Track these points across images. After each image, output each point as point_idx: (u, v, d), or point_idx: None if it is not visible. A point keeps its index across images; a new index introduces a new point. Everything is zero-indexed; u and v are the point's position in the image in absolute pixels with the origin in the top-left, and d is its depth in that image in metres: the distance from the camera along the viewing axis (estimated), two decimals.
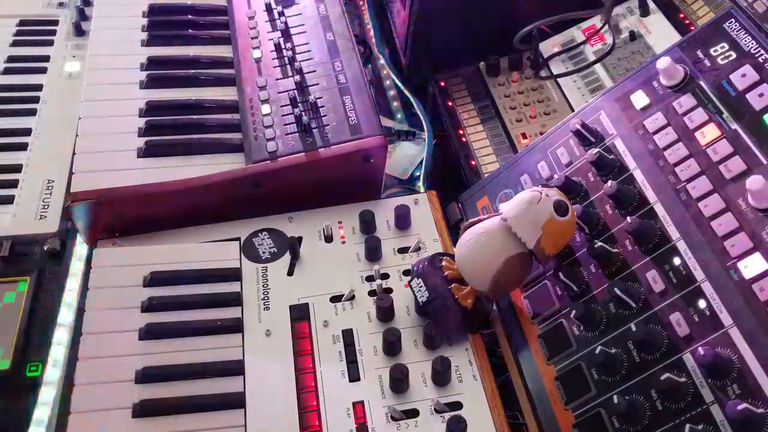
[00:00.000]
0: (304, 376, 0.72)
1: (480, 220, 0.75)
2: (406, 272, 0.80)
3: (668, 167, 0.71)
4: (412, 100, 1.15)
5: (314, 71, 0.93)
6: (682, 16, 0.99)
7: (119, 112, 0.92)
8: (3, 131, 0.97)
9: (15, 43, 1.10)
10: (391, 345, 0.73)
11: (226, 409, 0.70)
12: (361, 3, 1.34)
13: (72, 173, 0.84)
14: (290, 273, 0.81)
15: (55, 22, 1.15)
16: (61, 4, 1.18)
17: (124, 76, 0.97)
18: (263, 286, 0.80)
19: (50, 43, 1.11)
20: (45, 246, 0.85)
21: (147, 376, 0.72)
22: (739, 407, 0.55)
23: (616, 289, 0.67)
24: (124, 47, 1.01)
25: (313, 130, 0.86)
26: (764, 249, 0.61)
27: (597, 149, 0.76)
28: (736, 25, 0.73)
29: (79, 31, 1.13)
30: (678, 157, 0.71)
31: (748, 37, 0.72)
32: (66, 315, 0.81)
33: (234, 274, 0.81)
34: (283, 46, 0.96)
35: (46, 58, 1.09)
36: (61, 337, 0.79)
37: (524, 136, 1.01)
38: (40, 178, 0.92)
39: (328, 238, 0.84)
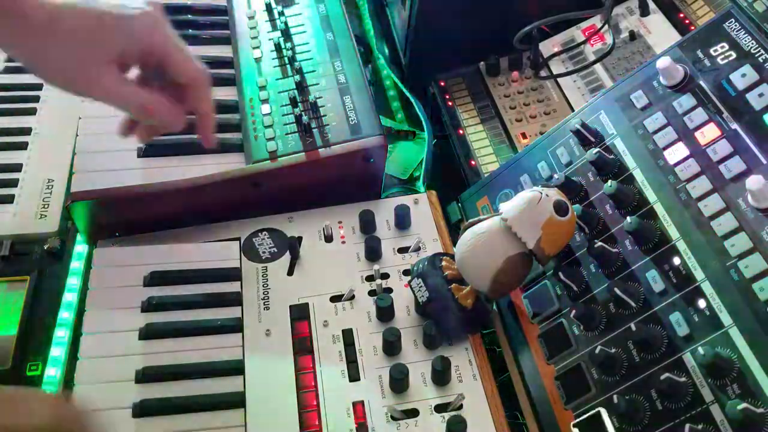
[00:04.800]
0: (304, 376, 0.73)
1: (480, 220, 0.75)
2: (406, 272, 0.81)
3: (668, 167, 0.71)
4: (412, 100, 1.15)
5: (314, 71, 0.93)
6: (682, 16, 0.99)
7: (119, 112, 0.91)
8: (3, 130, 0.97)
9: None
10: (391, 345, 0.73)
11: (226, 409, 0.70)
12: (361, 3, 1.34)
13: (72, 173, 0.84)
14: (290, 273, 0.82)
15: None
16: None
17: None
18: (263, 286, 0.80)
19: None
20: (45, 246, 0.85)
21: (147, 376, 0.72)
22: (739, 407, 0.55)
23: (616, 289, 0.67)
24: None
25: (313, 130, 0.86)
26: (764, 249, 0.61)
27: (597, 149, 0.76)
28: (736, 25, 0.73)
29: None
30: (678, 157, 0.71)
31: (748, 37, 0.72)
32: (66, 315, 0.81)
33: (234, 274, 0.81)
34: (283, 46, 0.96)
35: None
36: (61, 337, 0.79)
37: (524, 136, 1.01)
38: (40, 178, 0.92)
39: (328, 238, 0.84)
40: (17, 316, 0.79)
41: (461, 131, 1.05)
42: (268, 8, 1.03)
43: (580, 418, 0.66)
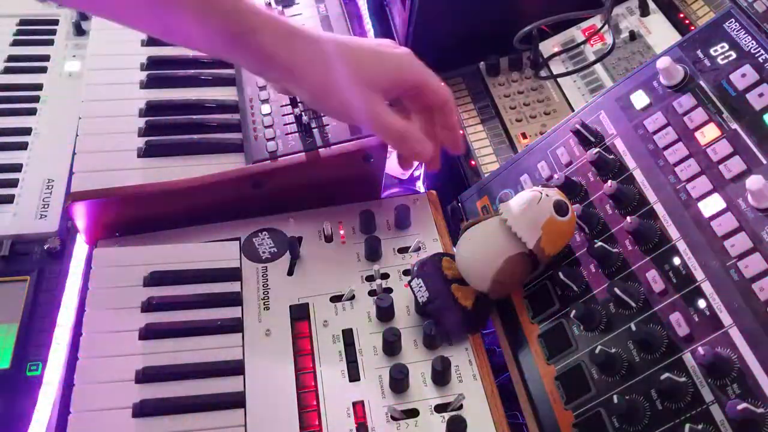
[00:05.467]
0: (304, 376, 0.72)
1: (480, 220, 0.75)
2: (406, 272, 0.80)
3: (668, 167, 0.71)
4: None
5: None
6: (682, 16, 0.99)
7: (119, 112, 0.92)
8: (3, 131, 0.97)
9: (15, 43, 1.10)
10: (391, 345, 0.73)
11: (226, 409, 0.70)
12: (361, 3, 1.34)
13: (72, 173, 0.84)
14: (290, 273, 0.81)
15: (56, 22, 1.15)
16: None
17: (124, 76, 0.96)
18: (263, 286, 0.80)
19: (50, 42, 1.11)
20: (45, 246, 0.85)
21: (147, 376, 0.72)
22: (739, 407, 0.55)
23: (616, 289, 0.67)
24: (124, 47, 1.01)
25: (313, 130, 0.86)
26: (764, 249, 0.61)
27: (597, 149, 0.76)
28: (736, 25, 0.73)
29: (80, 31, 1.13)
30: (678, 157, 0.71)
31: (748, 37, 0.72)
32: (66, 315, 0.81)
33: (234, 274, 0.81)
34: None
35: (47, 58, 1.09)
36: (61, 337, 0.78)
37: (524, 136, 1.01)
38: (40, 178, 0.92)
39: (328, 238, 0.84)
40: (17, 316, 0.79)
41: (461, 131, 1.05)
42: (268, 8, 1.03)
43: (580, 418, 0.66)
